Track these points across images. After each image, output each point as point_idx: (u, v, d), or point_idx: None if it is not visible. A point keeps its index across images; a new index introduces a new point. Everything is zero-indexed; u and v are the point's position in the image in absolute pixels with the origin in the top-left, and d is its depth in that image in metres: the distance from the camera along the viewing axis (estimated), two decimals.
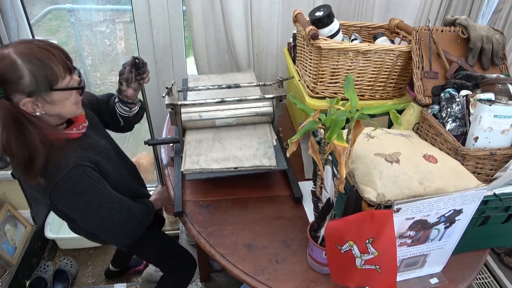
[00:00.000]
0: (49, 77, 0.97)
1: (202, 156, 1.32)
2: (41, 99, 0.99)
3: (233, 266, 1.11)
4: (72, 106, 1.07)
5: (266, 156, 1.32)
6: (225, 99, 1.36)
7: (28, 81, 0.94)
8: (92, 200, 1.13)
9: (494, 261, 1.71)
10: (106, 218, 1.18)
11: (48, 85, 0.97)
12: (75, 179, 1.07)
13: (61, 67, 0.99)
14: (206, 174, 1.28)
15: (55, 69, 0.97)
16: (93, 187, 1.12)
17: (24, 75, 0.93)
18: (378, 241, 0.86)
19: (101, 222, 1.19)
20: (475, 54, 1.28)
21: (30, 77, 0.94)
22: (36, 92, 0.96)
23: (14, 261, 1.98)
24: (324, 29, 1.35)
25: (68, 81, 1.03)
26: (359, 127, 0.91)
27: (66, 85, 1.02)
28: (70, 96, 1.05)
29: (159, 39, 1.82)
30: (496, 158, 1.10)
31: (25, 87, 0.94)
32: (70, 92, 1.05)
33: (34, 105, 0.99)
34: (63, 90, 1.01)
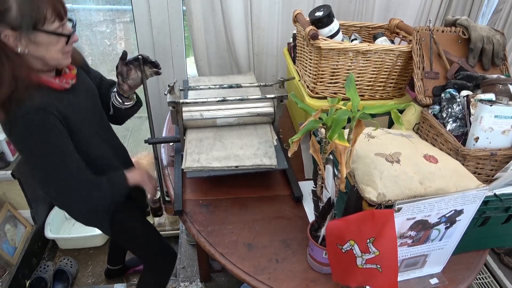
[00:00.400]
0: (35, 15, 0.96)
1: (203, 154, 1.32)
2: (25, 37, 0.97)
3: (233, 266, 1.11)
4: (57, 53, 1.05)
5: (266, 156, 1.32)
6: (227, 98, 1.37)
7: (14, 15, 0.94)
8: (47, 152, 1.07)
9: (494, 261, 1.71)
10: (60, 178, 1.11)
11: (32, 24, 0.96)
12: (35, 122, 1.03)
13: (50, 10, 0.98)
14: (206, 172, 1.28)
15: (43, 9, 0.96)
16: (51, 138, 1.07)
17: (12, 8, 0.93)
18: (379, 240, 0.86)
19: (54, 181, 1.12)
20: (475, 55, 1.28)
21: (16, 11, 0.94)
22: (20, 28, 0.95)
23: (14, 261, 1.98)
24: (324, 29, 1.36)
25: (57, 26, 1.01)
26: (360, 127, 0.91)
27: (52, 30, 1.01)
28: (56, 42, 1.03)
29: (159, 39, 1.82)
30: (496, 158, 1.10)
31: (10, 20, 0.94)
32: (57, 38, 1.03)
33: (17, 41, 0.97)
34: (47, 32, 1.00)
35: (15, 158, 1.92)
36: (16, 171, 1.87)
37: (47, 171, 1.11)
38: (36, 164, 1.10)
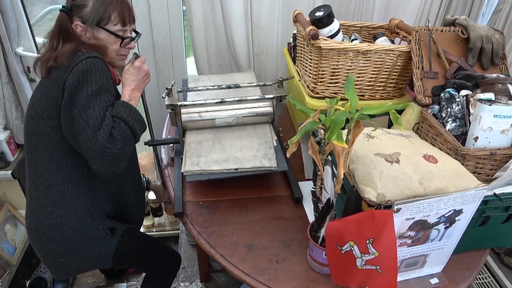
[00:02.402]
0: (102, 14, 1.15)
1: (202, 157, 1.32)
2: (90, 30, 1.17)
3: (233, 267, 1.11)
4: (112, 52, 1.22)
5: (266, 157, 1.32)
6: (225, 100, 1.36)
7: (87, 11, 1.14)
8: (97, 92, 1.10)
9: (494, 261, 1.71)
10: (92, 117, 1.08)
11: (97, 20, 1.15)
12: (97, 61, 1.11)
13: (116, 14, 1.17)
14: (206, 175, 1.28)
15: (110, 11, 1.16)
16: (105, 83, 1.12)
17: (88, 5, 1.14)
18: (378, 241, 0.86)
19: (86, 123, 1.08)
20: (475, 54, 1.28)
21: (90, 8, 1.14)
22: (87, 21, 1.15)
23: (14, 261, 1.98)
24: (324, 29, 1.35)
25: (117, 29, 1.19)
26: (358, 128, 0.91)
27: (112, 30, 1.18)
28: (113, 42, 1.20)
29: (159, 39, 1.82)
30: (496, 158, 1.10)
31: (83, 14, 1.15)
32: (115, 39, 1.20)
33: (83, 32, 1.17)
34: (106, 30, 1.17)
35: (15, 158, 1.92)
36: (16, 171, 1.87)
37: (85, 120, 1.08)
38: (86, 99, 1.09)
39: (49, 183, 1.17)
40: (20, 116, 1.84)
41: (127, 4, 1.21)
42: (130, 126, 1.12)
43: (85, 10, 1.14)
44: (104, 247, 1.27)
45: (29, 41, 1.77)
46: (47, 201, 1.18)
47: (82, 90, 1.08)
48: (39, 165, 1.17)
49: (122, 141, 1.08)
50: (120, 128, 1.09)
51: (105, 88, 1.11)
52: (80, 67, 1.08)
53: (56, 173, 1.16)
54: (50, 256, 1.26)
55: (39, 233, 1.22)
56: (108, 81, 1.13)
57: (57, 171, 1.16)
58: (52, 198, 1.18)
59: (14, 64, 1.68)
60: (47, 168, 1.16)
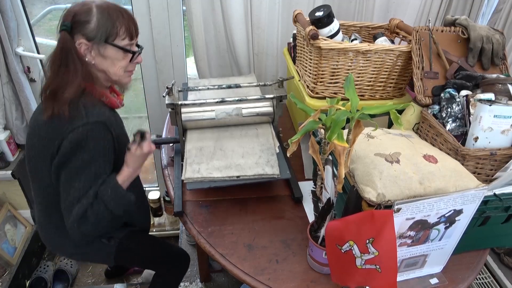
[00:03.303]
0: (109, 30, 1.07)
1: (203, 164, 1.29)
2: (96, 48, 1.09)
3: (233, 266, 1.11)
4: (120, 69, 1.15)
5: (269, 164, 1.29)
6: (226, 99, 1.36)
7: (92, 27, 1.06)
8: (87, 162, 1.09)
9: (494, 261, 1.71)
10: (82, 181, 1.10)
11: (105, 37, 1.07)
12: (94, 133, 1.08)
13: (123, 28, 1.10)
14: (207, 183, 1.24)
15: (118, 26, 1.08)
16: (100, 153, 1.11)
17: (92, 21, 1.06)
18: (378, 241, 0.86)
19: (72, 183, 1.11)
20: (475, 54, 1.28)
21: (95, 24, 1.06)
22: (94, 39, 1.07)
23: (14, 261, 1.98)
24: (324, 29, 1.36)
25: (126, 44, 1.12)
26: (359, 127, 0.91)
27: (121, 45, 1.11)
28: (122, 58, 1.13)
29: (159, 39, 1.82)
30: (496, 158, 1.10)
31: (88, 31, 1.06)
32: (123, 55, 1.13)
33: (87, 50, 1.09)
34: (115, 46, 1.10)
35: (15, 158, 1.92)
36: (16, 171, 1.87)
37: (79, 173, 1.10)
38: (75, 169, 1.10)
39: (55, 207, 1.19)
40: (20, 116, 1.84)
41: (132, 17, 1.15)
42: (110, 210, 1.12)
43: (89, 27, 1.06)
44: (104, 252, 1.38)
45: (29, 41, 1.77)
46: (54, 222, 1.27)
47: (73, 158, 1.07)
48: (46, 197, 1.23)
49: (94, 222, 1.10)
50: (98, 210, 1.10)
51: (98, 156, 1.10)
52: (76, 136, 1.05)
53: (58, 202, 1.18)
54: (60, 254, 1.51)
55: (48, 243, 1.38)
56: (105, 148, 1.11)
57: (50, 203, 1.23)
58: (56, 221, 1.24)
59: (14, 64, 1.68)
60: (53, 198, 1.18)
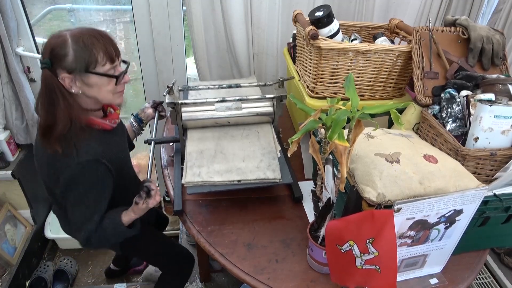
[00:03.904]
0: (87, 59, 1.04)
1: (204, 167, 1.27)
2: (79, 79, 1.07)
3: (233, 266, 1.11)
4: (107, 93, 1.13)
5: (270, 168, 1.27)
6: (226, 99, 1.36)
7: (70, 59, 1.03)
8: (84, 195, 1.15)
9: (494, 261, 1.71)
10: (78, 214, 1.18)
11: (85, 67, 1.05)
12: (87, 171, 1.11)
13: (102, 54, 1.06)
14: (208, 187, 1.23)
15: (96, 54, 1.05)
16: (96, 185, 1.16)
17: (69, 54, 1.03)
18: (378, 241, 0.86)
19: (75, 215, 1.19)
20: (475, 55, 1.28)
21: (73, 56, 1.03)
22: (75, 71, 1.05)
23: (14, 261, 1.98)
24: (324, 29, 1.35)
25: (108, 68, 1.09)
26: (359, 127, 0.91)
27: (103, 72, 1.08)
28: (107, 83, 1.11)
29: (159, 39, 1.82)
30: (496, 158, 1.10)
31: (67, 64, 1.04)
32: (108, 79, 1.10)
33: (72, 82, 1.07)
34: (97, 74, 1.07)
35: (15, 158, 1.92)
36: (16, 171, 1.87)
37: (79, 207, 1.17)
38: (74, 200, 1.16)
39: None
40: (20, 116, 1.84)
41: (109, 39, 1.10)
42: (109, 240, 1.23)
43: (68, 60, 1.03)
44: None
45: (29, 41, 1.77)
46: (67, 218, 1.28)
47: (70, 193, 1.14)
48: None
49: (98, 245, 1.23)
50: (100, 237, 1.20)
51: (93, 187, 1.15)
52: (69, 174, 1.10)
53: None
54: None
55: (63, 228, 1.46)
56: (98, 180, 1.15)
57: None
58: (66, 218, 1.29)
59: (14, 64, 1.68)
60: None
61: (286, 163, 1.33)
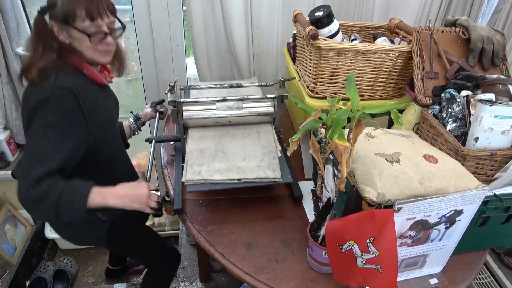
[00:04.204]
0: (67, 12, 1.08)
1: (204, 166, 1.27)
2: (65, 30, 1.11)
3: (233, 265, 1.11)
4: (87, 49, 1.14)
5: (270, 168, 1.27)
6: (227, 98, 1.36)
7: (57, 9, 1.08)
8: (47, 126, 1.07)
9: (494, 261, 1.71)
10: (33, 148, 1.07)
11: (64, 19, 1.08)
12: (58, 95, 1.08)
13: (81, 9, 1.08)
14: (208, 185, 1.23)
15: (77, 9, 1.07)
16: (61, 116, 1.08)
17: (57, 4, 1.08)
18: (379, 240, 0.86)
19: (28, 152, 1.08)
20: (475, 55, 1.28)
21: (59, 7, 1.08)
22: (58, 20, 1.09)
23: (14, 261, 1.98)
24: (324, 29, 1.36)
25: (87, 25, 1.10)
26: (360, 127, 0.91)
27: (80, 27, 1.10)
28: (84, 39, 1.12)
29: (159, 39, 1.82)
30: (496, 158, 1.10)
31: (54, 13, 1.09)
32: (85, 36, 1.11)
33: (60, 31, 1.11)
34: (74, 28, 1.09)
35: (15, 158, 1.92)
36: (16, 171, 1.87)
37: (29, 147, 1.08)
38: (34, 131, 1.08)
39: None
40: (20, 116, 1.84)
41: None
42: (52, 210, 1.05)
43: (56, 9, 1.08)
44: (96, 229, 1.39)
45: None
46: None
47: (35, 120, 1.06)
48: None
49: (35, 205, 1.04)
50: (42, 195, 1.03)
51: (60, 120, 1.07)
52: (39, 96, 1.06)
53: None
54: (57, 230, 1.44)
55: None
56: (66, 114, 1.08)
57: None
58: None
59: (14, 64, 1.68)
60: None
61: (286, 162, 1.33)
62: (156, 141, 1.45)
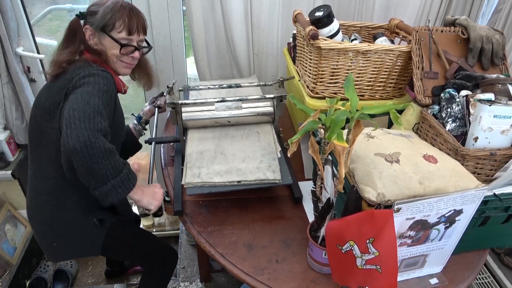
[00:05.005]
0: (107, 21, 1.20)
1: (204, 168, 1.27)
2: (97, 35, 1.22)
3: (233, 266, 1.11)
4: (113, 57, 1.25)
5: (270, 169, 1.27)
6: (226, 99, 1.36)
7: (97, 17, 1.20)
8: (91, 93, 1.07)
9: (494, 261, 1.71)
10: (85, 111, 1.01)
11: (102, 26, 1.20)
12: (104, 75, 1.14)
13: (121, 22, 1.21)
14: (207, 188, 1.23)
15: (116, 20, 1.20)
16: (103, 90, 1.11)
17: (99, 12, 1.20)
18: (378, 241, 0.86)
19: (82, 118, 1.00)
20: (475, 54, 1.28)
21: (100, 15, 1.20)
22: (95, 26, 1.21)
23: (14, 261, 1.98)
24: (324, 29, 1.35)
25: (122, 37, 1.22)
26: (359, 127, 0.91)
27: (115, 37, 1.22)
28: (114, 48, 1.23)
29: (159, 39, 1.82)
30: (496, 158, 1.10)
31: (93, 20, 1.21)
32: (116, 45, 1.22)
33: (92, 35, 1.23)
34: (108, 36, 1.21)
35: (15, 158, 1.92)
36: (16, 171, 1.87)
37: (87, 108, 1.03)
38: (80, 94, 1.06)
39: (46, 175, 1.24)
40: (20, 116, 1.84)
41: (137, 14, 1.25)
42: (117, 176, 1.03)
43: (96, 16, 1.20)
44: (93, 236, 1.35)
45: (29, 41, 1.77)
46: (44, 190, 1.26)
47: (88, 85, 1.09)
48: (40, 158, 1.25)
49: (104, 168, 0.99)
50: (112, 163, 1.00)
51: (103, 93, 1.09)
52: (85, 73, 1.12)
53: (52, 168, 1.23)
54: (44, 239, 1.35)
55: (36, 217, 1.31)
56: (107, 93, 1.11)
57: (53, 166, 1.22)
58: (48, 188, 1.26)
59: (14, 64, 1.68)
60: (46, 162, 1.23)
61: (286, 163, 1.33)
62: (156, 142, 1.45)
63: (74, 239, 1.33)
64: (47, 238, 1.34)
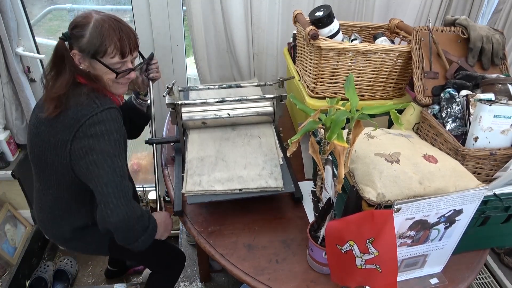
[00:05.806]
0: (98, 47, 1.12)
1: (205, 176, 1.25)
2: (88, 60, 1.14)
3: (233, 266, 1.11)
4: (108, 81, 1.19)
5: (272, 176, 1.24)
6: (226, 99, 1.36)
7: (84, 41, 1.11)
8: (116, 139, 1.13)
9: (494, 261, 1.71)
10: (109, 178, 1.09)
11: (93, 53, 1.12)
12: (115, 114, 1.15)
13: (113, 47, 1.13)
14: (208, 197, 1.21)
15: (107, 45, 1.12)
16: (118, 131, 1.14)
17: (85, 36, 1.11)
18: (378, 240, 0.86)
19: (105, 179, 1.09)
20: (475, 54, 1.28)
21: (87, 39, 1.11)
22: (84, 52, 1.13)
23: (14, 261, 1.98)
24: (324, 29, 1.35)
25: (115, 62, 1.15)
26: (359, 127, 0.91)
27: (108, 63, 1.15)
28: (109, 72, 1.17)
29: (159, 39, 1.82)
30: (496, 158, 1.10)
31: (81, 44, 1.12)
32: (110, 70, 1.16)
33: (81, 60, 1.15)
34: (101, 63, 1.14)
35: (15, 158, 1.92)
36: (16, 171, 1.87)
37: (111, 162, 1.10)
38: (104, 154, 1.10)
39: (57, 196, 1.26)
40: (20, 116, 1.84)
41: (128, 33, 1.16)
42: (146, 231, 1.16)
43: (83, 41, 1.11)
44: (99, 242, 1.39)
45: (29, 41, 1.77)
46: (55, 207, 1.29)
47: (102, 138, 1.10)
48: (49, 181, 1.23)
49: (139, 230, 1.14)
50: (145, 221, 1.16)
51: (119, 136, 1.14)
52: (96, 119, 1.10)
53: (64, 190, 1.24)
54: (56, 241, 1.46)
55: (46, 227, 1.36)
56: (121, 129, 1.15)
57: (65, 189, 1.23)
58: (59, 207, 1.28)
59: (14, 64, 1.68)
60: (56, 185, 1.23)
61: (288, 169, 1.31)
62: (156, 143, 1.45)
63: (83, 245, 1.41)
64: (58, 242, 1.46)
